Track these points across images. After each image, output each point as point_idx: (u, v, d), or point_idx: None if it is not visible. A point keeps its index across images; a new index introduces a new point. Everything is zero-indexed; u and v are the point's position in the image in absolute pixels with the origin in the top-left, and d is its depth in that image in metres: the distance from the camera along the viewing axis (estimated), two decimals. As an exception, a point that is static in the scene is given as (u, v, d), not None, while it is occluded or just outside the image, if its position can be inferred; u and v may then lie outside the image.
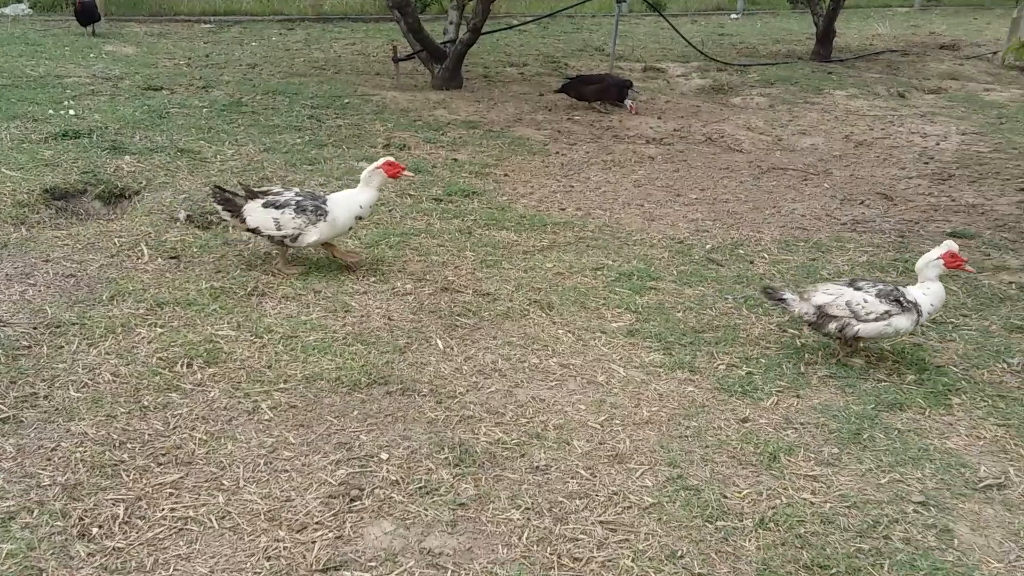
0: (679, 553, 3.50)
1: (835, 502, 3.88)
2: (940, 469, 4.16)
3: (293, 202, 5.61)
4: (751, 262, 6.63)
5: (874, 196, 8.46)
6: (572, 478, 3.94)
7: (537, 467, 3.99)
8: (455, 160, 8.68)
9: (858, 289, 5.03)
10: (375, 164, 5.78)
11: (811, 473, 4.08)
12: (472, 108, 10.83)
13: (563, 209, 7.55)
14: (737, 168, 9.18)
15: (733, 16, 21.30)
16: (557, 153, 9.27)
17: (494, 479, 3.89)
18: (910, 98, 13.00)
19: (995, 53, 16.54)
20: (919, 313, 4.96)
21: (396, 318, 5.31)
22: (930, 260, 5.03)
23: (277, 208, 5.61)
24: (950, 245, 5.06)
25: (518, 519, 3.64)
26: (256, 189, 5.80)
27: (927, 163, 9.71)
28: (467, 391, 4.57)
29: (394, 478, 3.85)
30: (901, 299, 4.95)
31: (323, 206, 5.63)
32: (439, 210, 7.23)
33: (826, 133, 10.74)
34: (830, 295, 5.04)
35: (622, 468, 4.03)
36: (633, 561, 3.44)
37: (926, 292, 5.01)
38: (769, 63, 14.86)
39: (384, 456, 3.99)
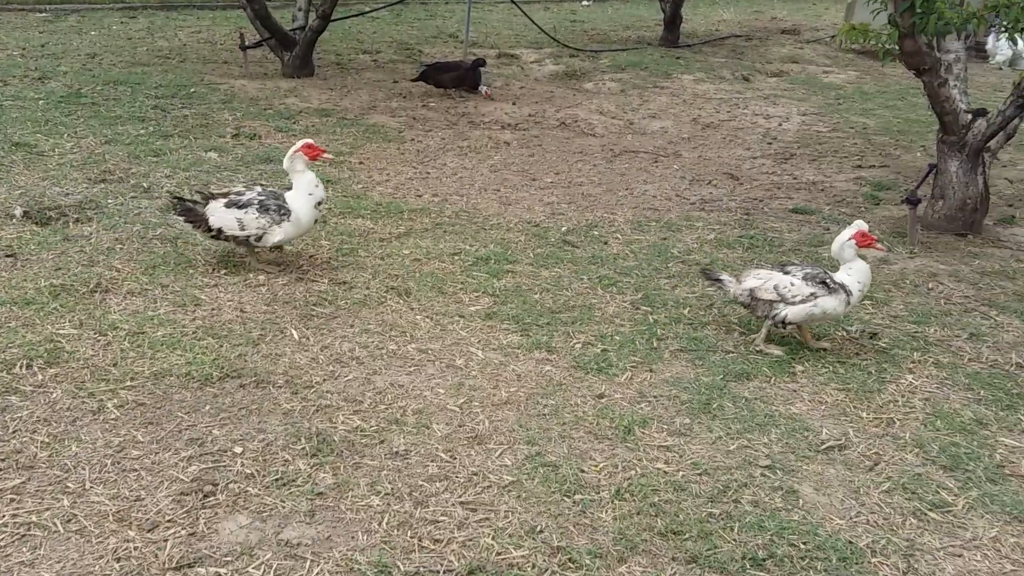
0: (538, 528, 3.55)
1: (687, 470, 4.00)
2: (785, 434, 4.34)
3: (256, 201, 5.51)
4: (605, 243, 6.75)
5: (721, 176, 8.74)
6: (432, 461, 3.94)
7: (396, 453, 3.98)
8: (308, 149, 8.53)
9: (787, 273, 5.14)
10: (293, 149, 5.65)
11: (664, 444, 4.19)
12: (325, 96, 10.67)
13: (419, 196, 7.53)
14: (591, 152, 9.33)
15: (585, 3, 21.61)
16: (413, 140, 9.23)
17: (353, 467, 3.86)
18: (754, 81, 13.46)
19: (832, 37, 17.27)
20: (848, 293, 5.06)
21: (249, 310, 5.19)
22: (843, 241, 5.14)
23: (240, 208, 5.49)
24: (860, 225, 5.18)
25: (378, 505, 3.63)
26: (215, 191, 5.67)
27: (770, 143, 10.08)
28: (324, 380, 4.51)
29: (249, 471, 3.77)
30: (827, 281, 5.05)
31: (285, 205, 5.55)
32: (292, 199, 7.10)
33: (675, 116, 11.02)
34: (760, 279, 5.15)
35: (482, 449, 4.06)
36: (493, 539, 3.47)
37: (850, 272, 5.12)
38: (620, 49, 15.15)
39: (238, 450, 3.91)
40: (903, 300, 6.00)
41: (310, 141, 5.71)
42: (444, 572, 3.30)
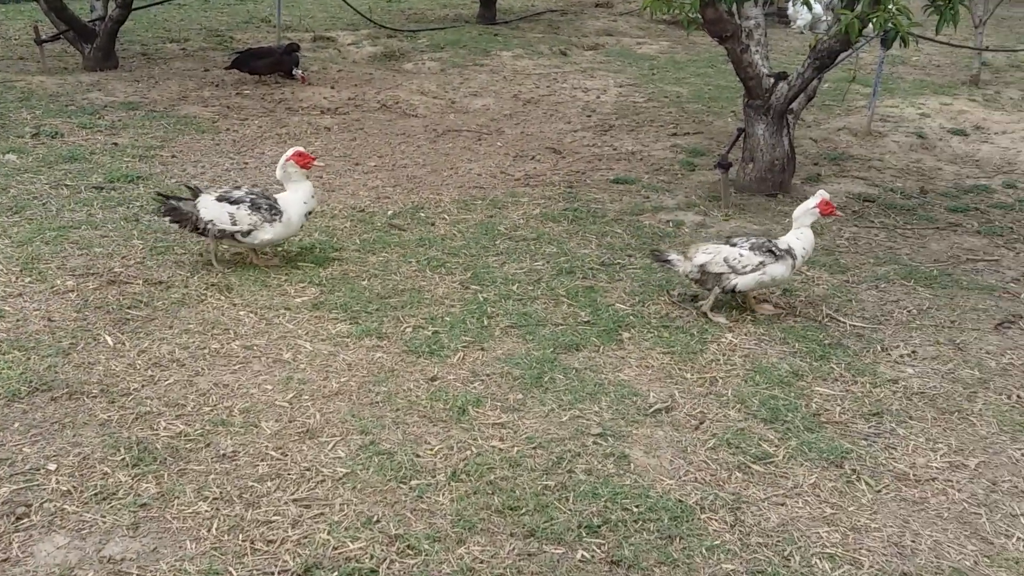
0: (375, 518, 3.50)
1: (522, 445, 4.03)
2: (615, 401, 4.43)
3: (248, 199, 5.54)
4: (432, 224, 6.72)
5: (544, 151, 8.83)
6: (262, 461, 3.83)
7: (224, 455, 3.84)
8: (115, 144, 8.13)
9: (733, 245, 5.28)
10: (284, 157, 5.62)
11: (499, 421, 4.21)
12: (131, 88, 10.18)
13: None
14: (414, 133, 9.26)
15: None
16: (228, 130, 8.93)
17: (178, 474, 3.71)
18: (571, 55, 13.65)
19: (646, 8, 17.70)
20: (794, 258, 5.26)
21: (58, 318, 4.91)
22: (808, 208, 5.34)
23: (232, 203, 5.52)
24: (823, 194, 5.37)
25: (206, 511, 3.50)
26: (195, 187, 5.70)
27: (590, 116, 10.25)
28: (142, 386, 4.32)
29: (65, 488, 3.57)
30: (774, 249, 5.23)
31: (277, 206, 5.57)
32: (101, 199, 6.75)
33: (496, 93, 11.07)
34: (709, 254, 5.26)
35: (314, 443, 3.97)
36: (329, 534, 3.40)
37: (799, 237, 5.32)
38: (438, 28, 15.09)
39: (52, 467, 3.69)
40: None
41: (300, 149, 5.66)
42: (279, 573, 3.22)
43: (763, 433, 4.23)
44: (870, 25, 6.49)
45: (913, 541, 3.56)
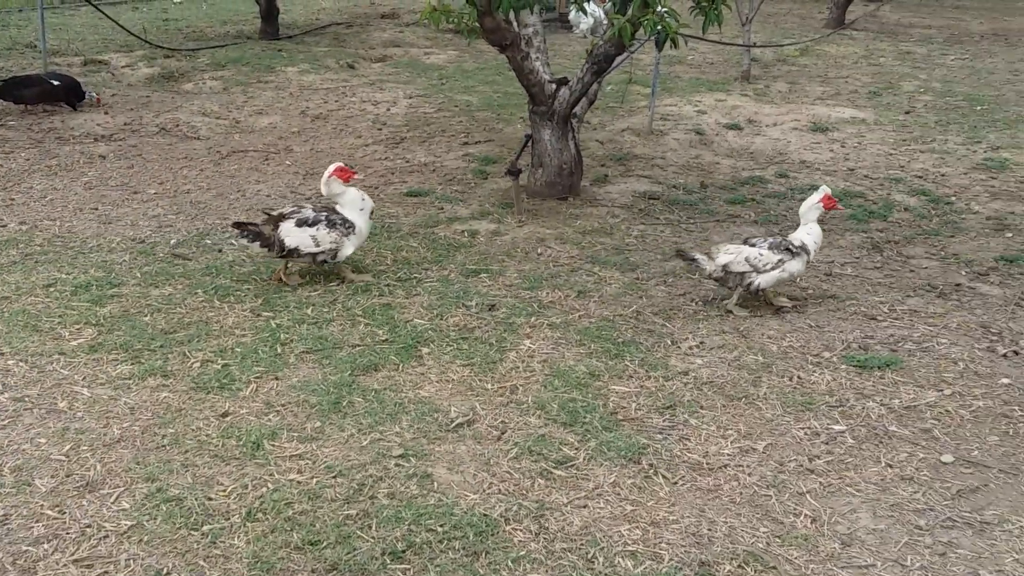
0: (165, 570, 3.31)
1: (321, 476, 3.90)
2: (416, 419, 4.37)
3: (322, 217, 5.68)
4: (220, 251, 6.46)
5: (334, 167, 8.66)
6: (37, 522, 3.56)
7: (-7, 521, 3.54)
8: None
9: (752, 246, 5.54)
10: (327, 173, 5.82)
11: (296, 452, 4.07)
12: None
13: (4, 226, 6.79)
14: (197, 156, 8.90)
15: (176, 0, 20.65)
16: (-9, 164, 8.31)
17: (-61, 548, 3.39)
18: (359, 68, 13.50)
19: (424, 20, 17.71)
20: (807, 253, 5.57)
21: None
22: (812, 203, 5.67)
23: (310, 225, 5.64)
24: (825, 190, 5.71)
25: (-27, 586, 3.21)
26: (271, 212, 5.83)
27: (380, 129, 10.15)
28: None
29: None
30: (790, 247, 5.52)
31: (348, 220, 5.74)
32: None
33: (283, 111, 10.80)
34: (731, 254, 5.51)
35: (95, 496, 3.72)
36: (114, 595, 3.19)
37: (809, 232, 5.64)
38: (219, 45, 14.59)
39: None
40: (516, 268, 6.26)
41: (341, 165, 5.89)
42: (59, 645, 2.98)
43: (563, 437, 4.27)
44: (641, 28, 6.69)
45: (709, 529, 3.67)
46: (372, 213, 6.02)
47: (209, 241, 6.63)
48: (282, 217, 5.75)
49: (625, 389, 4.72)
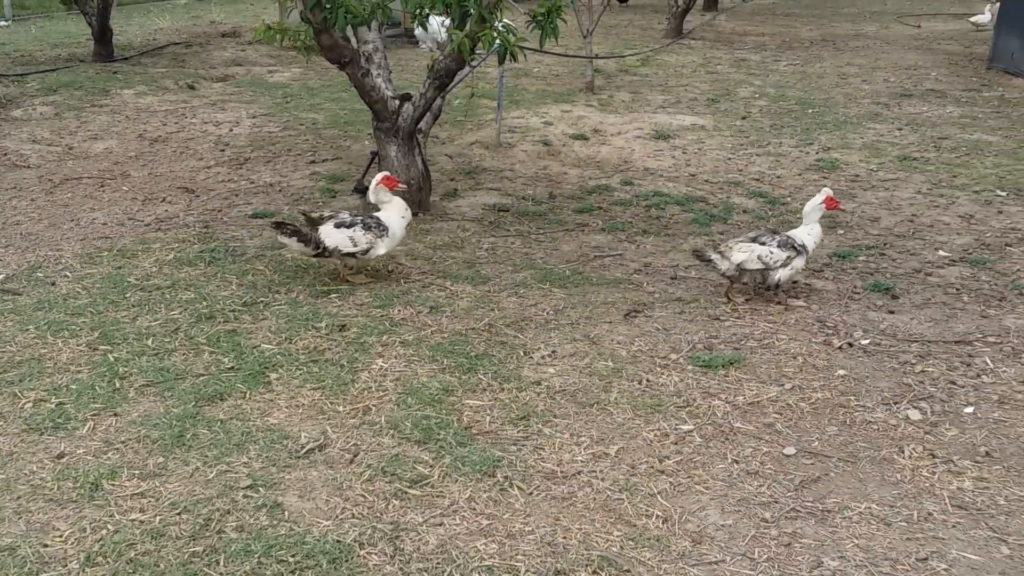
0: (-5, 629, 3.11)
1: (165, 513, 3.75)
2: (265, 447, 4.25)
3: (359, 220, 6.10)
4: (53, 284, 6.16)
5: (175, 191, 8.40)
6: None
7: None
8: None
9: (762, 244, 5.75)
10: (375, 182, 6.26)
11: (138, 491, 3.90)
12: None
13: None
14: (26, 185, 8.48)
15: (2, 23, 19.67)
16: None
17: None
18: (200, 88, 13.14)
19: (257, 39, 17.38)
20: (807, 251, 5.88)
21: None
22: (816, 204, 5.95)
23: (348, 227, 6.04)
24: (827, 191, 6.01)
25: None
26: (312, 215, 6.16)
27: (223, 150, 9.90)
28: None
29: None
30: (794, 244, 5.79)
31: (383, 223, 6.17)
32: None
33: (119, 135, 10.40)
34: (744, 252, 5.72)
35: (-85, 555, 3.47)
36: (-62, 659, 2.98)
37: (810, 232, 5.95)
38: (49, 69, 13.96)
39: None
40: (367, 287, 6.19)
41: (387, 174, 6.43)
42: None
43: (418, 455, 4.23)
44: (480, 43, 6.72)
45: (564, 537, 3.69)
46: (409, 223, 6.43)
47: (41, 274, 6.31)
48: (321, 219, 6.12)
49: (479, 403, 4.71)
